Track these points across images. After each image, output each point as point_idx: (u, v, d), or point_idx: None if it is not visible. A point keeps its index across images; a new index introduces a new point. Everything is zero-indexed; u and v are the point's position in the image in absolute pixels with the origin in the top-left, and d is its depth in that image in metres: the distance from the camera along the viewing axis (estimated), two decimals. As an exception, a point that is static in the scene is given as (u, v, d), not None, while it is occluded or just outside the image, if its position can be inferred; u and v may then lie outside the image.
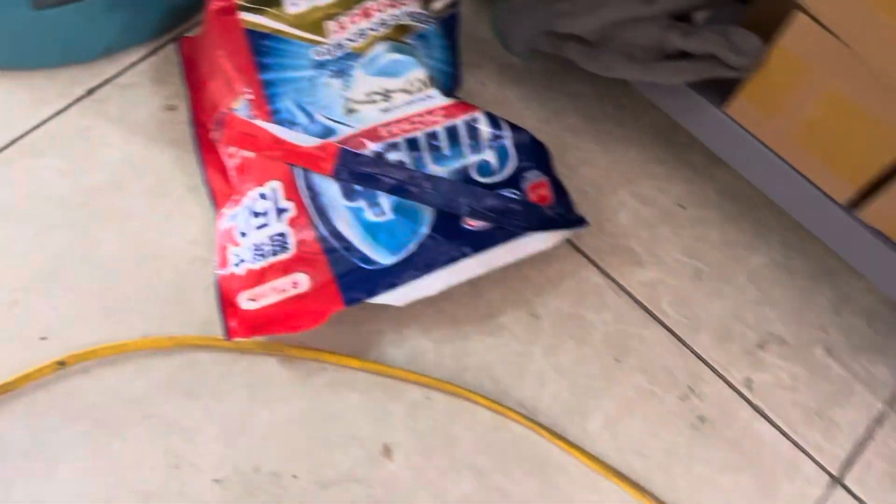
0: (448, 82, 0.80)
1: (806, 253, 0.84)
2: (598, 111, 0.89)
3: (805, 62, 0.63)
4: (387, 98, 0.74)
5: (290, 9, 0.76)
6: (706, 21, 0.74)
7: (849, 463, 0.75)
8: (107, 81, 0.83)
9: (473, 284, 0.78)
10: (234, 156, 0.74)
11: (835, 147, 0.66)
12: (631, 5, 0.69)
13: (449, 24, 0.83)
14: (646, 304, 0.80)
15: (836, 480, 0.75)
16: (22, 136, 0.79)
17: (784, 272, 0.83)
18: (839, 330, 0.81)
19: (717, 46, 0.67)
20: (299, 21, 0.76)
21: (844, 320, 0.81)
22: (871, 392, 0.79)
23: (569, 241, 0.82)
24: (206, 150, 0.78)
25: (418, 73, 0.75)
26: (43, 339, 0.71)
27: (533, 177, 0.77)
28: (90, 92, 0.82)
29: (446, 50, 0.81)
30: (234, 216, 0.73)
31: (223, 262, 0.73)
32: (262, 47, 0.75)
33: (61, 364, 0.69)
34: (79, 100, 0.82)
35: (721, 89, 0.72)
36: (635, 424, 0.74)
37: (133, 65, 0.84)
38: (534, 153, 0.77)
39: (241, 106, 0.74)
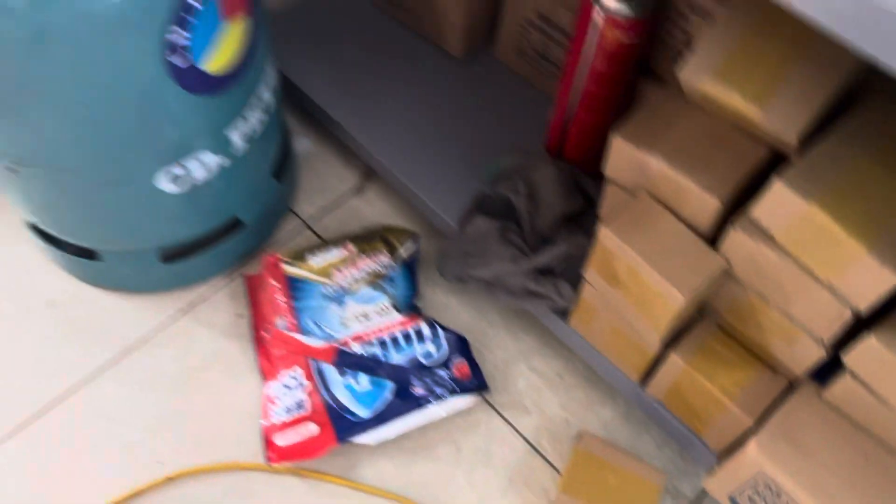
0: (409, 300, 1.30)
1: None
2: (510, 311, 1.37)
3: (595, 306, 1.10)
4: (366, 317, 1.23)
5: (312, 262, 1.28)
6: (562, 270, 1.21)
7: (659, 548, 1.16)
8: (202, 298, 1.35)
9: (422, 429, 1.24)
10: (275, 350, 1.24)
11: (621, 348, 1.12)
12: (505, 265, 1.18)
13: (410, 264, 1.33)
14: (531, 440, 1.24)
15: (650, 560, 1.15)
16: (149, 334, 1.31)
17: (624, 420, 1.27)
18: (663, 460, 1.23)
19: (550, 291, 1.15)
20: (317, 270, 1.27)
21: (665, 454, 1.24)
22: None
23: (486, 400, 1.28)
24: (260, 344, 1.28)
25: (385, 302, 1.25)
26: (159, 462, 1.19)
27: (457, 359, 1.24)
28: (191, 305, 1.34)
29: (408, 280, 1.31)
30: (274, 387, 1.22)
31: (265, 416, 1.20)
32: (294, 286, 1.26)
33: (170, 479, 1.17)
34: (182, 311, 1.34)
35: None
36: (518, 520, 1.17)
37: (217, 289, 1.37)
38: (458, 344, 1.25)
39: (281, 322, 1.24)
